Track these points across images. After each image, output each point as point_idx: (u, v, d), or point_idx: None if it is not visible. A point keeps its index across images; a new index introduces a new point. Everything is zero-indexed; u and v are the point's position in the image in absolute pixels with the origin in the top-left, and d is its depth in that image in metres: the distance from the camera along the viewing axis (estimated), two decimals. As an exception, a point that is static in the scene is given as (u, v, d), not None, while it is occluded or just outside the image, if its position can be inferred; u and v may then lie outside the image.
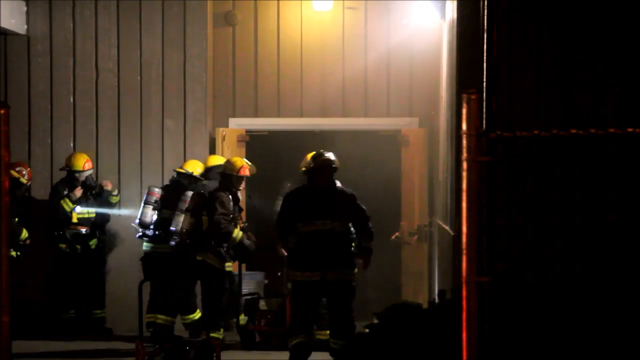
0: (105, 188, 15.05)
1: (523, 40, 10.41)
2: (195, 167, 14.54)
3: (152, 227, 14.17)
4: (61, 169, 15.19)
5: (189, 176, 14.36)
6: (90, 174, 15.16)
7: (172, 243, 13.95)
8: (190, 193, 14.02)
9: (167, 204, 14.21)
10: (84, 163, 15.09)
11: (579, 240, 9.81)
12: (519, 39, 10.42)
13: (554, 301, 9.30)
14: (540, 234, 9.97)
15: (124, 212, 15.39)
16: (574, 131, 7.23)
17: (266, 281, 15.19)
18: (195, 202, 13.93)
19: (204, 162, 14.68)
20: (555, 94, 10.38)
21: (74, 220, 15.06)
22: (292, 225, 11.94)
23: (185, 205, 13.98)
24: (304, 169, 12.29)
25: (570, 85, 10.39)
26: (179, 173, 14.47)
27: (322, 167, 12.14)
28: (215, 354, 10.76)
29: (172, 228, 13.92)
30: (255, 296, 14.54)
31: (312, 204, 11.93)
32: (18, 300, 13.84)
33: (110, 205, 15.26)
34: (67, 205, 14.96)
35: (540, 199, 10.15)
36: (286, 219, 12.01)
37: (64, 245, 15.04)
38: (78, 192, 14.98)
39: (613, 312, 9.12)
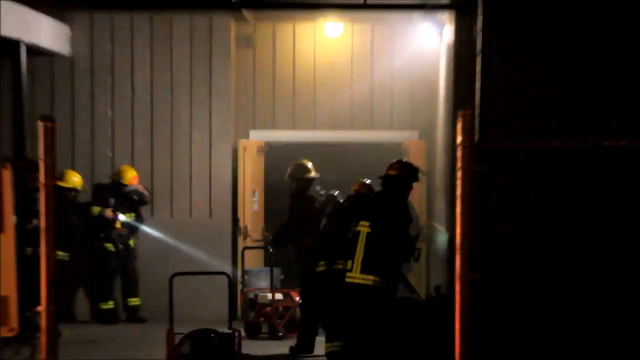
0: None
1: (513, 62, 10.41)
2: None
3: None
4: (110, 178, 15.29)
5: None
6: (135, 188, 15.21)
7: None
8: None
9: None
10: (132, 177, 15.17)
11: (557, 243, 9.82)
12: (509, 61, 10.41)
13: (537, 294, 9.29)
14: (533, 238, 9.98)
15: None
16: (557, 144, 7.28)
17: (282, 276, 15.17)
18: None
19: None
20: (543, 111, 10.38)
21: (118, 225, 15.16)
22: None
23: None
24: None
25: (556, 102, 10.40)
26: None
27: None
28: (237, 342, 10.76)
29: None
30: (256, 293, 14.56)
31: None
32: (63, 292, 13.92)
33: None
34: (94, 210, 15.06)
35: (530, 205, 10.15)
36: None
37: (109, 245, 15.13)
38: (109, 212, 15.07)
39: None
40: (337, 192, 13.10)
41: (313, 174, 13.45)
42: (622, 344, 8.65)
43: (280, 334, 13.83)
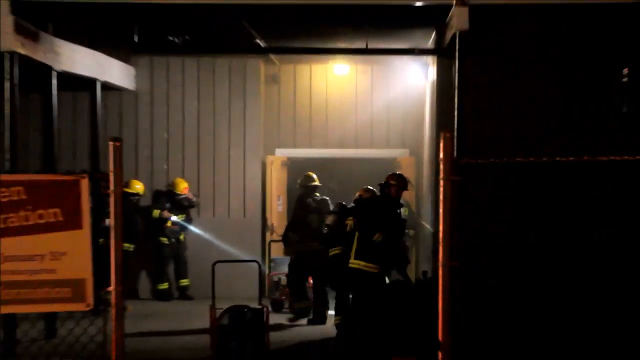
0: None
1: (482, 94, 10.40)
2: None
3: None
4: (167, 187, 15.30)
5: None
6: (185, 196, 15.23)
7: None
8: None
9: None
10: (183, 188, 15.20)
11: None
12: (480, 93, 10.40)
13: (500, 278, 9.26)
14: (500, 232, 9.96)
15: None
16: (520, 159, 7.24)
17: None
18: None
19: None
20: (505, 133, 10.38)
21: (169, 224, 15.18)
22: None
23: None
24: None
25: (515, 127, 10.38)
26: None
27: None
28: (265, 315, 10.75)
29: None
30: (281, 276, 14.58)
31: None
32: (129, 275, 13.98)
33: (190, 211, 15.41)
34: (155, 213, 15.08)
35: (499, 207, 10.13)
36: None
37: (164, 239, 15.15)
38: (166, 214, 15.10)
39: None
40: (328, 198, 13.50)
41: (316, 182, 13.52)
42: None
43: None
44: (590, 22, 10.29)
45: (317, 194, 13.46)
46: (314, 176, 13.60)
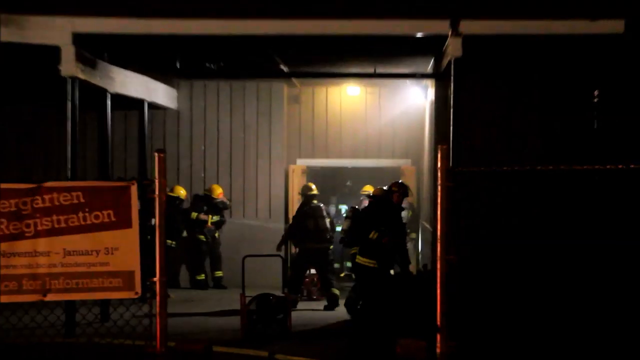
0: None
1: (474, 112, 10.38)
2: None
3: None
4: (204, 192, 15.31)
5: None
6: (221, 199, 15.24)
7: None
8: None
9: None
10: (219, 193, 15.20)
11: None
12: (472, 112, 10.38)
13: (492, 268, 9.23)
14: (486, 227, 9.92)
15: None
16: (506, 168, 7.22)
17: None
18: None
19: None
20: (496, 145, 10.35)
21: (209, 224, 15.19)
22: None
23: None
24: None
25: (502, 141, 10.35)
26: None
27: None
28: (287, 302, 10.77)
29: None
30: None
31: None
32: (171, 267, 14.04)
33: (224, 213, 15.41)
34: (193, 215, 15.09)
35: (483, 206, 10.09)
36: None
37: (202, 236, 15.17)
38: (203, 216, 15.10)
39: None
40: (322, 204, 13.56)
41: (313, 192, 13.59)
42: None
43: (314, 296, 13.81)
44: (565, 50, 10.28)
45: (315, 201, 13.46)
46: (313, 186, 13.69)
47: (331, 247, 13.22)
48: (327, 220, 13.23)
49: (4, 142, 14.84)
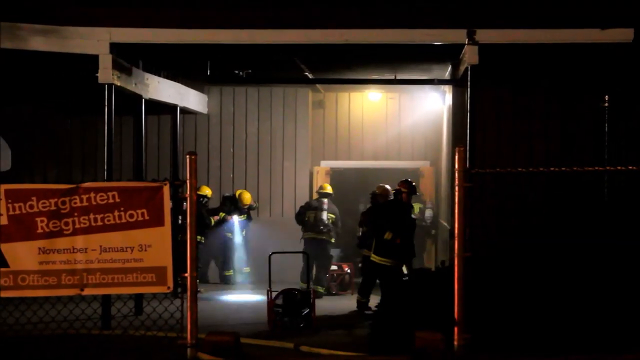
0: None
1: (489, 117, 10.39)
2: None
3: None
4: (233, 194, 15.17)
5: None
6: (249, 204, 15.23)
7: None
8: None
9: None
10: (247, 198, 15.05)
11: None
12: (487, 117, 10.39)
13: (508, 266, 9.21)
14: (498, 225, 9.89)
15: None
16: (521, 170, 7.23)
17: (341, 254, 15.16)
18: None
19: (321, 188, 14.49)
20: (509, 148, 10.34)
21: (236, 223, 15.20)
22: None
23: None
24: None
25: (517, 143, 10.34)
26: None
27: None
28: (312, 297, 10.80)
29: None
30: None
31: None
32: (201, 264, 14.10)
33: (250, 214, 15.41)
34: (220, 215, 15.10)
35: (499, 208, 10.07)
36: None
37: (230, 234, 15.20)
38: (228, 217, 15.09)
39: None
40: (326, 200, 13.83)
41: (326, 190, 14.08)
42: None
43: (334, 292, 13.83)
44: (576, 58, 10.26)
45: (325, 198, 13.84)
46: (325, 185, 14.35)
47: (332, 239, 13.53)
48: (325, 214, 13.58)
49: (43, 145, 15.01)
